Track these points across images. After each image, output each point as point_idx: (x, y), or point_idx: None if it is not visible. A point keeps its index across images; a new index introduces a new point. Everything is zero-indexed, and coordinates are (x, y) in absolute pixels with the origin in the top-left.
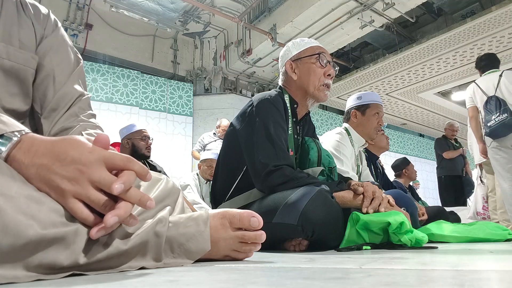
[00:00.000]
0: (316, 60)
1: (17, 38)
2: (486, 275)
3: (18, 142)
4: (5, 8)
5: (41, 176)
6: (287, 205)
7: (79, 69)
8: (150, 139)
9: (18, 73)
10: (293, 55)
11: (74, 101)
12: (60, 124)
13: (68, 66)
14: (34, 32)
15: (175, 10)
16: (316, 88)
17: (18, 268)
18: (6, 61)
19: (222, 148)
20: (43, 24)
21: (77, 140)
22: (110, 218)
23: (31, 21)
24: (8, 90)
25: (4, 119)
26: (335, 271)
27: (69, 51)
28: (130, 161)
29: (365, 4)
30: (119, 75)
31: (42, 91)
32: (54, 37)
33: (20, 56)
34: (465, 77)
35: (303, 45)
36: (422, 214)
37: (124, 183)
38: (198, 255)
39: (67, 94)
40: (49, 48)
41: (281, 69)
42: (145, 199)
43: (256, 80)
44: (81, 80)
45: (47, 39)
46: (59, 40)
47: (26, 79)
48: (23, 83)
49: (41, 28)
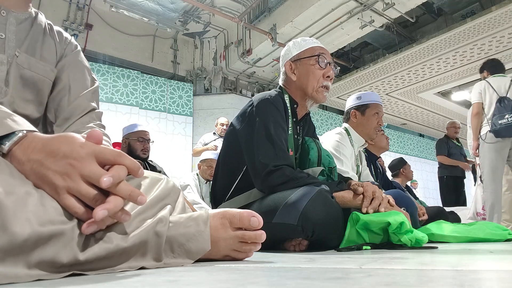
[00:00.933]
0: (316, 62)
1: (40, 53)
2: (486, 275)
3: (22, 138)
4: (34, 28)
5: (35, 172)
6: (287, 205)
7: (94, 88)
8: (149, 142)
9: (36, 83)
10: (293, 56)
11: (87, 112)
12: (71, 130)
13: (84, 83)
14: (55, 50)
15: (175, 10)
16: (314, 90)
17: (19, 265)
18: (27, 71)
19: (222, 148)
20: (64, 45)
21: (70, 136)
22: (99, 211)
23: (54, 42)
24: (23, 97)
25: (17, 119)
26: (335, 271)
27: (86, 72)
28: (120, 156)
29: (365, 4)
30: (119, 75)
31: (57, 102)
32: (73, 57)
33: (40, 67)
34: (465, 77)
35: (303, 45)
36: (422, 214)
37: (113, 177)
38: (198, 255)
39: (80, 105)
40: (68, 65)
41: (282, 69)
42: (135, 193)
43: (256, 80)
44: (95, 98)
45: (67, 57)
46: (78, 60)
47: (42, 89)
48: (39, 93)
49: (62, 48)
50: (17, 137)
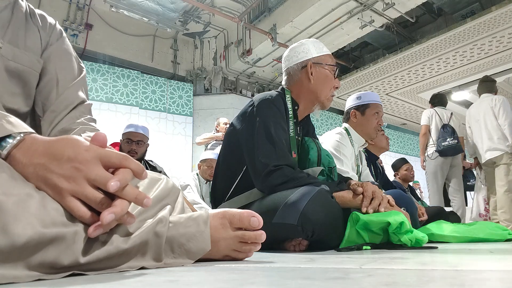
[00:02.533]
0: (333, 71)
1: (24, 42)
2: (486, 275)
3: (20, 141)
4: (15, 15)
5: (38, 175)
6: (287, 205)
7: (82, 78)
8: (139, 143)
9: (22, 75)
10: (314, 57)
11: (75, 105)
12: (60, 126)
13: (72, 73)
14: (40, 38)
15: (175, 10)
16: (326, 98)
17: (19, 267)
18: (12, 62)
19: (222, 148)
20: (49, 32)
21: (74, 139)
22: (106, 215)
23: (37, 29)
24: (10, 90)
25: (12, 120)
26: (335, 271)
27: (73, 60)
28: (126, 159)
29: (365, 4)
30: (119, 75)
31: (45, 95)
32: (59, 45)
33: (25, 58)
34: (465, 77)
35: (321, 48)
36: (422, 214)
37: (120, 181)
38: (198, 255)
39: (69, 98)
40: (54, 54)
41: (292, 64)
42: (141, 196)
43: (256, 80)
44: (83, 88)
45: (52, 46)
46: (64, 49)
47: (29, 81)
48: (25, 85)
49: (46, 36)
50: (16, 140)
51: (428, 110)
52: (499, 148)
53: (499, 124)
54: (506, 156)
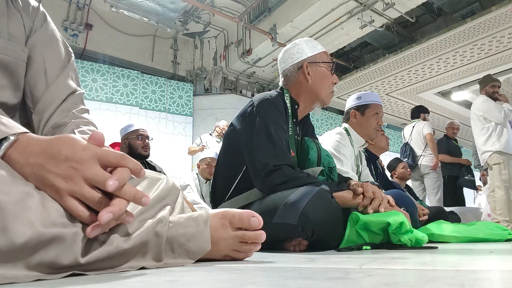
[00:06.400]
0: (330, 68)
1: (6, 30)
2: (486, 275)
3: (15, 141)
4: None
5: (36, 175)
6: (287, 205)
7: (70, 64)
8: (148, 139)
9: (8, 66)
10: (309, 57)
11: (66, 96)
12: (53, 121)
13: (59, 60)
14: (23, 24)
15: (175, 10)
16: (326, 95)
17: (19, 267)
18: None
19: (222, 148)
20: (32, 17)
21: (71, 138)
22: (104, 214)
23: (19, 14)
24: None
25: (4, 121)
26: (335, 271)
27: (60, 45)
28: (123, 158)
29: (365, 4)
30: (119, 75)
31: (33, 86)
32: (44, 31)
33: (9, 48)
34: (465, 77)
35: (315, 46)
36: (423, 214)
37: (118, 180)
38: (198, 255)
39: (59, 89)
40: (39, 42)
41: (288, 66)
42: (139, 195)
43: (256, 80)
44: (73, 75)
45: (37, 33)
46: (49, 34)
47: (16, 72)
48: (13, 76)
49: (30, 21)
50: (8, 141)
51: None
52: (489, 149)
53: (484, 127)
54: (495, 156)
